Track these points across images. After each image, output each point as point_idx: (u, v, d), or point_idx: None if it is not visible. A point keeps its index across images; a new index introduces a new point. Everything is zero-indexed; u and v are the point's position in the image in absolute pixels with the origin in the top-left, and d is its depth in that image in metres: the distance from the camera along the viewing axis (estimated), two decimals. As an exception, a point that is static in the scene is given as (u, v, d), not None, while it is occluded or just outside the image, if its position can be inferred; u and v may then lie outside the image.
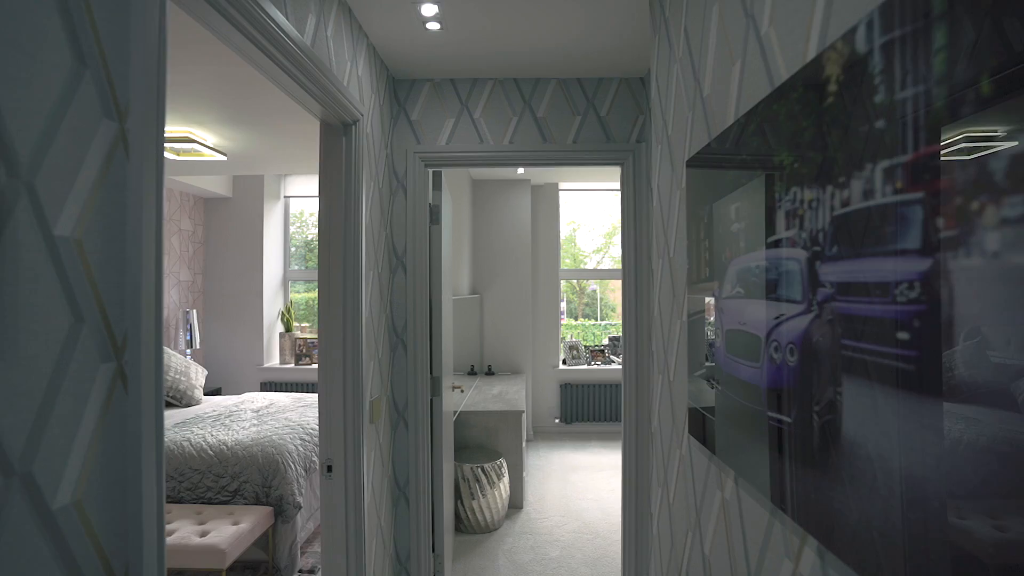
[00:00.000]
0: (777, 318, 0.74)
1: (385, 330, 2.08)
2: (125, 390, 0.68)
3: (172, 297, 4.85)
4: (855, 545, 0.56)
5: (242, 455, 2.80)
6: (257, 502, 2.71)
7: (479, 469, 3.17)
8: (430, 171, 2.21)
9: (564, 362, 5.48)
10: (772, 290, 0.75)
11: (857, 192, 0.56)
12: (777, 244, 0.74)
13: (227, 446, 2.86)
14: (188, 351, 4.82)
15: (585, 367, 5.39)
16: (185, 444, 2.86)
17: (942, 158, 0.44)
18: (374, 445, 1.89)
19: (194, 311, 4.88)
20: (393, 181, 2.17)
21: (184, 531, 2.35)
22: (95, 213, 0.63)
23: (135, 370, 0.69)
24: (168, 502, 2.71)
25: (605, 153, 2.15)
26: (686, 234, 1.20)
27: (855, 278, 0.56)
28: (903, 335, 0.49)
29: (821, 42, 0.65)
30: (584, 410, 5.31)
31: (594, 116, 2.17)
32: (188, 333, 4.86)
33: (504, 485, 3.30)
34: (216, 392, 4.95)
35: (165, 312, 4.65)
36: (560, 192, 5.54)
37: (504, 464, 3.36)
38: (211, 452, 2.82)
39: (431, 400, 2.24)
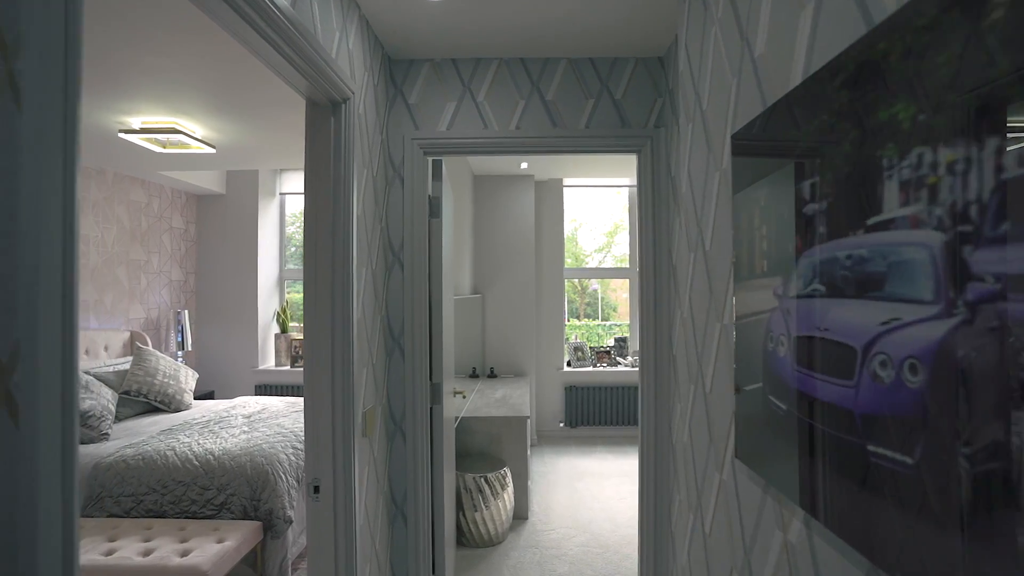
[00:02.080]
0: (886, 323, 0.56)
1: (381, 334, 1.90)
2: (14, 422, 0.50)
3: (163, 297, 4.68)
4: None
5: (229, 466, 2.63)
6: (245, 516, 2.54)
7: (482, 479, 2.99)
8: (429, 160, 2.03)
9: (568, 364, 5.31)
10: (876, 287, 0.57)
11: (1057, 140, 0.38)
12: (885, 226, 0.56)
13: (214, 456, 2.68)
14: (179, 353, 4.65)
15: (590, 369, 5.21)
16: (169, 453, 2.69)
17: None
18: (368, 460, 1.71)
19: (186, 312, 4.70)
20: (389, 170, 1.99)
21: (164, 550, 2.17)
22: (-38, 180, 0.46)
23: (31, 394, 0.51)
24: (150, 516, 2.53)
25: (620, 139, 1.96)
26: (730, 222, 1.02)
27: (1050, 267, 0.38)
28: None
29: (964, -55, 0.48)
30: (589, 414, 5.13)
31: (608, 99, 1.99)
32: (179, 335, 4.68)
33: (508, 495, 3.13)
34: (209, 396, 4.77)
35: (156, 312, 4.46)
36: (564, 188, 5.36)
37: (508, 473, 3.19)
38: (196, 462, 2.64)
39: (431, 409, 2.06)
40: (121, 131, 3.06)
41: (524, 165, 4.70)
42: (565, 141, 1.96)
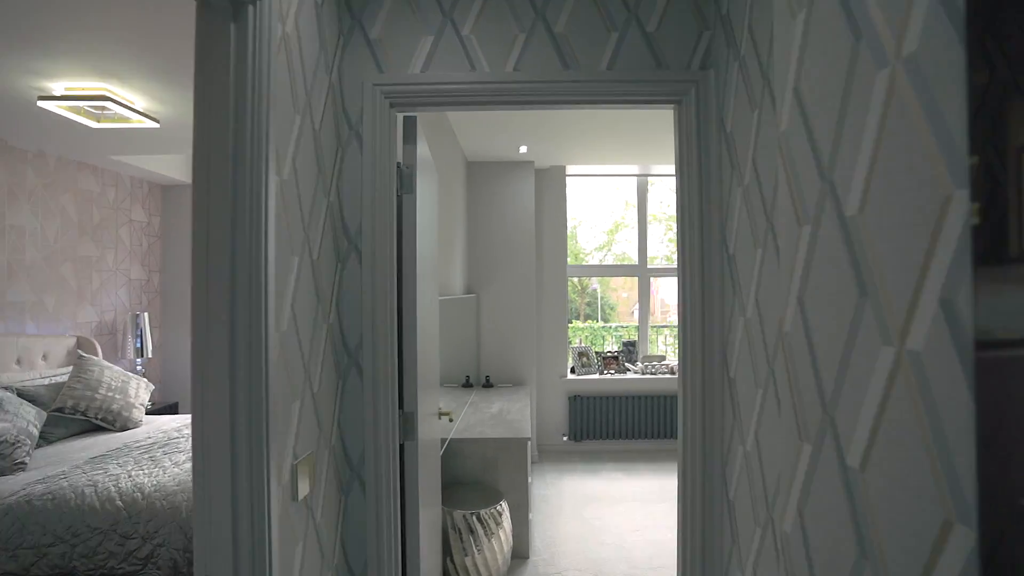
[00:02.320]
0: None
1: (327, 348, 1.39)
2: None
3: (120, 298, 4.17)
4: None
5: (160, 506, 2.11)
6: (176, 573, 2.02)
7: (474, 517, 2.48)
8: (399, 115, 1.52)
9: (572, 371, 4.80)
10: None
11: None
12: None
13: (143, 493, 2.17)
14: (139, 361, 4.14)
15: (596, 377, 4.70)
16: (88, 491, 2.17)
17: None
18: (304, 532, 1.20)
19: (146, 314, 4.19)
20: (343, 126, 1.48)
21: (55, 629, 1.67)
22: None
23: None
24: (55, 575, 2.02)
25: (654, 85, 1.46)
26: (951, 144, 0.51)
27: None
28: None
29: None
30: (596, 426, 4.62)
31: (637, 32, 1.48)
32: (139, 340, 4.17)
33: (505, 532, 2.62)
34: (172, 408, 4.25)
35: (111, 315, 3.92)
36: (567, 178, 4.85)
37: (505, 506, 2.68)
38: (120, 502, 2.12)
39: (400, 447, 1.55)
40: (41, 98, 2.55)
41: (523, 149, 4.19)
42: (580, 87, 1.45)
